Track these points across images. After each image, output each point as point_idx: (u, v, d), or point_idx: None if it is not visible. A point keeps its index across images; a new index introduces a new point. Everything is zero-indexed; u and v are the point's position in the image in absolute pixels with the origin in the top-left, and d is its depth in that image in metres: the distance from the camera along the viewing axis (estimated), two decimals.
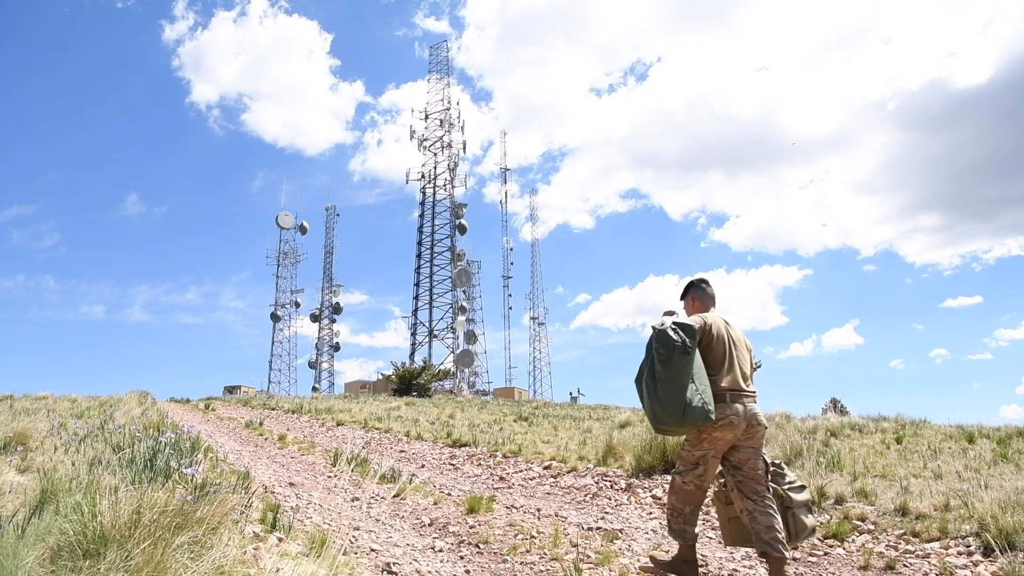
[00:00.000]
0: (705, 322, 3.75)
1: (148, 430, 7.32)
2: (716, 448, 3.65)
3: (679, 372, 3.42)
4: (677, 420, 3.41)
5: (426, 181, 47.55)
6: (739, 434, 3.64)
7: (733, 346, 3.78)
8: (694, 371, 3.48)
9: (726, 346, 3.74)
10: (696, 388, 3.44)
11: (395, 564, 3.99)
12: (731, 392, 3.64)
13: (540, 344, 55.40)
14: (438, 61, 50.15)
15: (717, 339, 3.73)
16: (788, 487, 3.75)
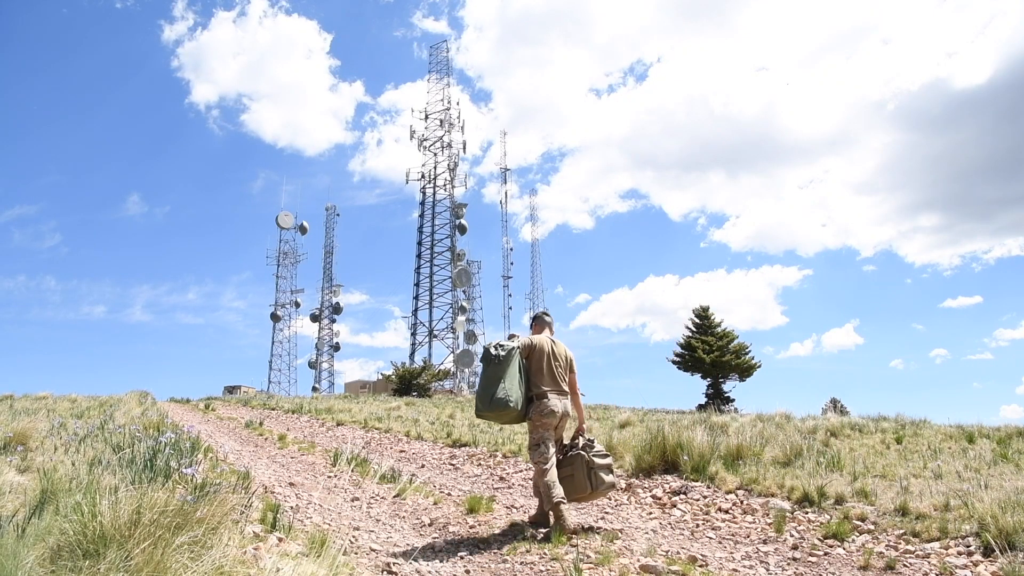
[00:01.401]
0: (532, 342, 5.11)
1: (148, 430, 7.32)
2: (547, 430, 4.96)
3: (492, 375, 4.82)
4: (486, 405, 4.81)
5: (426, 181, 47.56)
6: (558, 421, 5.00)
7: (553, 359, 5.09)
8: (505, 375, 4.80)
9: (547, 359, 5.06)
10: (503, 386, 4.77)
11: (395, 564, 3.99)
12: (550, 391, 4.98)
13: None
14: (438, 61, 50.16)
15: (539, 355, 5.06)
16: (594, 455, 5.06)
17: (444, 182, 46.97)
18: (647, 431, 8.71)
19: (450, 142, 47.66)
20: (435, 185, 47.05)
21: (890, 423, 11.35)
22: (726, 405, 32.20)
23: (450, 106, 48.23)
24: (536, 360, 5.05)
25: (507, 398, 4.74)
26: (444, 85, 48.89)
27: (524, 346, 5.04)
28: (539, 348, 5.07)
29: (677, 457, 7.03)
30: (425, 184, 47.58)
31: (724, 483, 6.47)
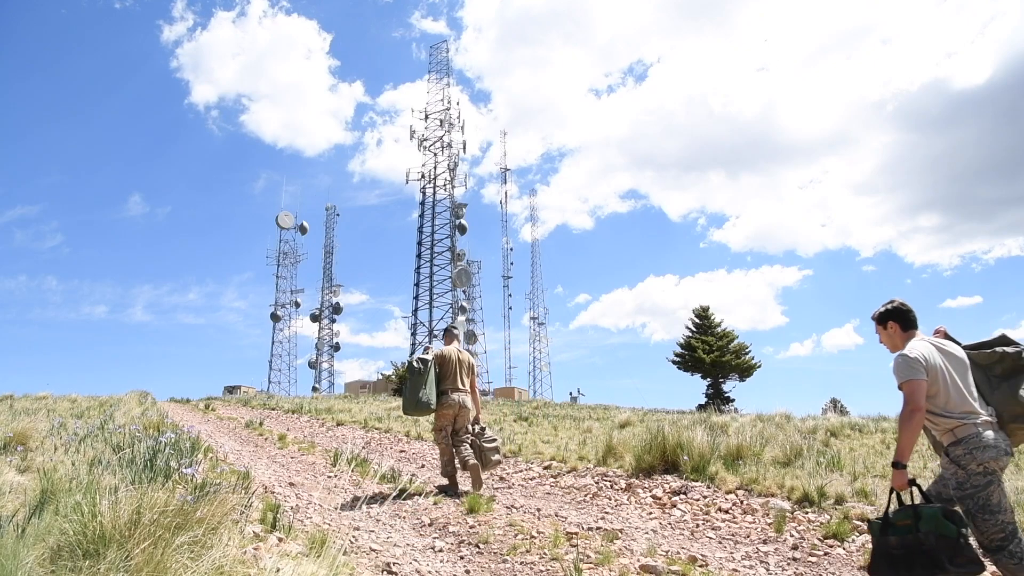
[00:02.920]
0: (443, 352, 6.57)
1: (148, 430, 7.32)
2: (447, 420, 6.46)
3: (417, 382, 6.30)
4: (413, 407, 6.31)
5: (426, 181, 47.54)
6: (457, 410, 6.46)
7: (459, 365, 6.55)
8: (425, 381, 6.30)
9: (453, 365, 6.53)
10: (425, 391, 6.28)
11: (395, 564, 3.99)
12: (451, 389, 6.47)
13: (540, 344, 55.43)
14: (438, 61, 50.14)
15: (447, 362, 6.52)
16: (484, 441, 6.56)
17: (444, 182, 46.97)
18: (647, 431, 8.70)
19: (450, 142, 47.66)
20: (435, 185, 47.04)
21: (890, 423, 11.35)
22: (726, 405, 32.21)
23: (450, 106, 48.23)
24: (444, 366, 6.52)
25: (428, 401, 6.30)
26: (444, 85, 48.89)
27: (437, 355, 6.55)
28: (448, 357, 6.56)
29: (677, 457, 7.03)
30: (425, 184, 47.57)
31: (724, 483, 6.47)
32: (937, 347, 3.34)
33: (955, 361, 3.30)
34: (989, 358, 3.34)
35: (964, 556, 2.88)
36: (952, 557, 2.87)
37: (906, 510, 3.09)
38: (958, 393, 3.19)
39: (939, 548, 2.89)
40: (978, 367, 3.36)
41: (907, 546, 2.97)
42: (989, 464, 3.07)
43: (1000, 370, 3.29)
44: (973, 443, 3.09)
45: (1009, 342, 3.35)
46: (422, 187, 47.72)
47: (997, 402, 3.24)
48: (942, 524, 2.92)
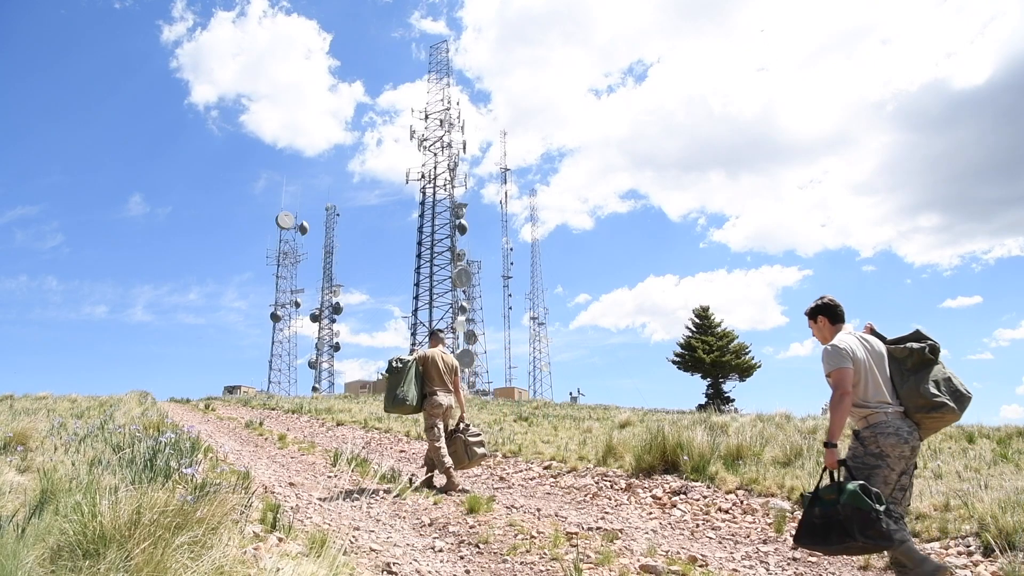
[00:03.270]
0: (426, 354, 6.88)
1: (148, 430, 7.32)
2: (435, 416, 6.73)
3: (395, 381, 6.63)
4: (389, 403, 6.68)
5: (426, 181, 47.54)
6: (444, 411, 6.75)
7: (443, 366, 6.86)
8: (403, 380, 6.60)
9: (437, 367, 6.82)
10: (402, 389, 6.57)
11: (395, 564, 3.99)
12: (438, 389, 6.77)
13: (540, 344, 55.43)
14: (437, 61, 50.14)
15: (431, 363, 6.83)
16: (469, 436, 6.89)
17: (444, 182, 46.97)
18: (647, 431, 8.71)
19: (450, 142, 47.66)
20: (435, 185, 47.03)
21: None
22: (726, 405, 32.22)
23: (450, 106, 48.22)
24: (429, 367, 6.82)
25: (405, 397, 6.59)
26: (444, 85, 48.89)
27: (420, 357, 6.85)
28: (431, 359, 6.86)
29: (677, 457, 7.03)
30: (425, 184, 47.57)
31: (724, 483, 6.47)
32: (861, 341, 3.62)
33: (875, 355, 3.59)
34: (902, 352, 3.59)
35: (874, 530, 3.13)
36: (863, 529, 3.14)
37: (833, 486, 3.33)
38: (875, 385, 3.49)
39: (852, 519, 3.16)
40: (895, 360, 3.62)
41: (827, 516, 3.26)
42: (886, 448, 3.39)
43: (911, 364, 3.55)
44: (880, 429, 3.42)
45: (921, 338, 3.61)
46: (422, 187, 47.73)
47: (904, 394, 3.52)
48: (860, 499, 3.17)
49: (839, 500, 3.24)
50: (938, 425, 3.60)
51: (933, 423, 3.54)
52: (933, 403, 3.42)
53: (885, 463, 3.38)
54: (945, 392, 3.46)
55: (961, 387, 3.50)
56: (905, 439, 3.40)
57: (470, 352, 43.10)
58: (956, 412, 3.47)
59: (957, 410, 3.46)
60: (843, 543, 3.22)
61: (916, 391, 3.47)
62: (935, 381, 3.48)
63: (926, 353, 3.52)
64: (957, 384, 3.50)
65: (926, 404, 3.44)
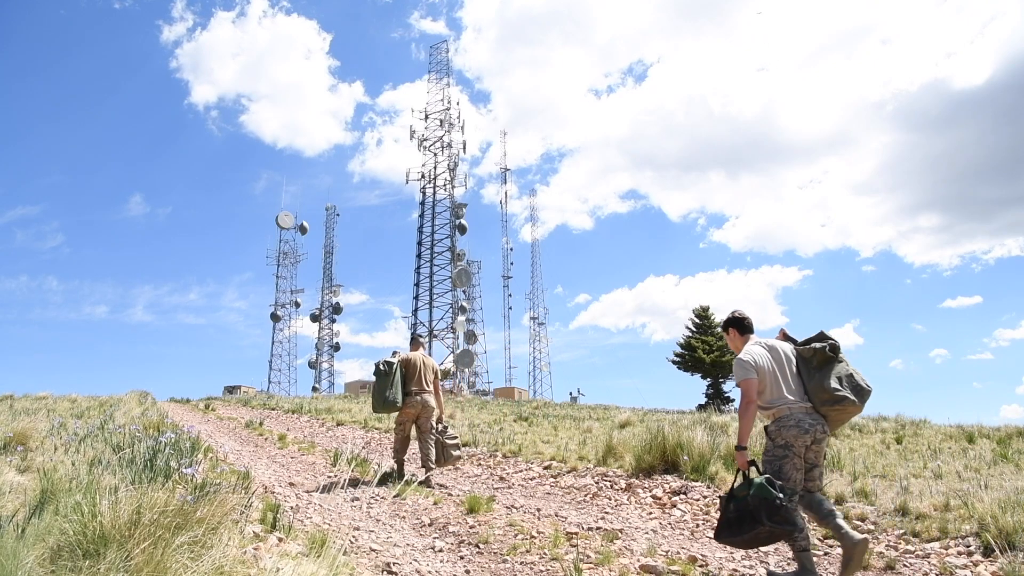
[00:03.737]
0: (408, 357, 7.31)
1: (148, 430, 7.32)
2: (409, 417, 7.22)
3: (383, 383, 7.04)
4: (379, 405, 7.08)
5: (426, 181, 47.52)
6: (419, 411, 7.19)
7: (423, 368, 7.28)
8: (390, 382, 7.02)
9: (417, 369, 7.25)
10: (391, 391, 7.00)
11: (395, 564, 3.98)
12: (418, 390, 7.19)
13: (540, 344, 55.41)
14: (437, 61, 50.12)
15: (412, 366, 7.24)
16: (447, 438, 7.24)
17: (444, 182, 46.95)
18: (647, 431, 8.70)
19: (450, 142, 47.64)
20: (435, 185, 47.02)
21: (890, 423, 11.36)
22: (726, 405, 32.21)
23: (450, 106, 48.20)
24: (410, 369, 7.25)
25: (395, 400, 7.04)
26: (444, 85, 48.87)
27: (403, 360, 7.29)
28: (413, 361, 7.29)
29: (677, 457, 7.03)
30: (425, 184, 47.55)
31: (724, 483, 6.47)
32: (767, 348, 4.00)
33: (781, 359, 3.95)
34: (808, 352, 3.93)
35: (780, 515, 3.50)
36: (770, 515, 3.50)
37: (745, 483, 3.69)
38: (777, 386, 3.86)
39: (760, 508, 3.53)
40: (803, 360, 3.96)
41: (740, 510, 3.62)
42: (790, 439, 3.77)
43: (815, 362, 3.89)
44: (783, 423, 3.80)
45: (824, 339, 3.94)
46: (422, 187, 47.72)
47: (811, 389, 3.85)
48: (766, 490, 3.55)
49: (749, 494, 3.61)
50: (842, 417, 3.90)
51: (837, 415, 3.86)
52: (835, 397, 3.75)
53: (791, 452, 3.78)
54: (847, 387, 3.78)
55: (862, 382, 3.82)
56: (806, 430, 3.76)
57: (470, 352, 43.07)
58: (857, 405, 3.79)
59: (858, 403, 3.79)
60: (753, 529, 3.55)
61: (821, 386, 3.81)
62: (838, 377, 3.80)
63: (827, 352, 3.85)
64: (859, 380, 3.82)
65: (829, 398, 3.77)
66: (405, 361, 7.27)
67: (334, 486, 6.66)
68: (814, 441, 3.80)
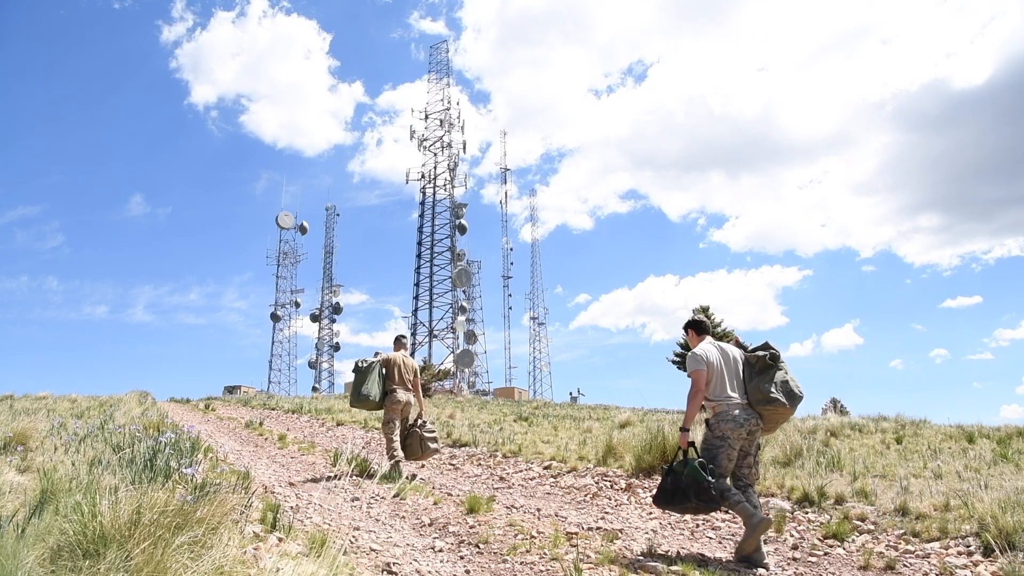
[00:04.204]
0: (389, 357, 7.68)
1: (148, 430, 7.32)
2: (394, 412, 7.50)
3: (360, 379, 7.45)
4: (357, 399, 7.46)
5: (426, 181, 47.53)
6: (402, 407, 7.52)
7: (404, 368, 7.66)
8: (368, 379, 7.42)
9: (398, 368, 7.62)
10: (367, 387, 7.39)
11: (395, 564, 3.98)
12: (398, 388, 7.54)
13: (540, 344, 55.42)
14: (437, 61, 50.12)
15: (393, 366, 7.62)
16: (425, 432, 7.59)
17: (444, 182, 46.95)
18: (647, 431, 8.70)
19: (450, 142, 47.64)
20: (435, 185, 47.02)
21: (890, 423, 11.36)
22: None
23: (450, 106, 48.20)
24: (391, 369, 7.61)
25: (368, 394, 7.40)
26: (444, 85, 48.88)
27: (384, 360, 7.66)
28: (393, 361, 7.66)
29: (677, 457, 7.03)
30: (425, 184, 47.55)
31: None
32: (719, 349, 4.56)
33: (729, 360, 4.51)
34: (753, 359, 4.48)
35: (706, 495, 4.16)
36: (698, 495, 4.18)
37: (683, 462, 4.33)
38: (722, 384, 4.41)
39: (691, 487, 4.20)
40: (748, 364, 4.51)
41: (675, 484, 4.29)
42: (726, 432, 4.34)
43: (757, 368, 4.44)
44: (721, 417, 4.37)
45: (768, 348, 4.47)
46: (422, 187, 47.72)
47: (750, 389, 4.42)
48: (698, 472, 4.20)
49: (684, 472, 4.24)
50: (775, 416, 4.44)
51: (770, 415, 4.41)
52: (769, 398, 4.31)
53: (726, 443, 4.33)
54: (780, 391, 4.32)
55: (795, 388, 4.36)
56: (741, 424, 4.33)
57: (470, 352, 43.07)
58: (787, 407, 4.34)
59: (788, 406, 4.33)
60: (683, 503, 4.27)
61: (758, 388, 4.37)
62: (775, 382, 4.34)
63: (767, 360, 4.39)
64: (792, 386, 4.35)
65: (764, 399, 4.33)
66: (387, 361, 7.64)
67: (332, 479, 6.67)
68: (748, 434, 4.38)
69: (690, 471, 4.23)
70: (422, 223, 46.81)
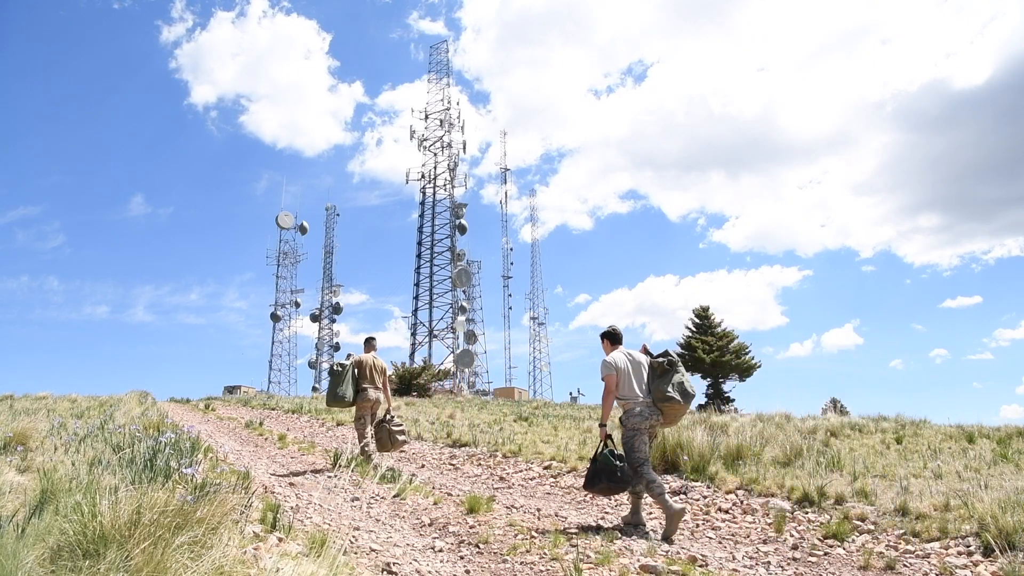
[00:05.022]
0: (360, 359, 8.30)
1: (148, 430, 7.32)
2: (365, 409, 8.24)
3: (336, 381, 8.06)
4: (331, 400, 8.10)
5: (426, 181, 47.53)
6: (372, 404, 8.22)
7: (373, 369, 8.27)
8: (342, 381, 8.02)
9: (368, 369, 8.23)
10: (342, 388, 8.01)
11: (395, 564, 3.98)
12: (369, 387, 8.17)
13: (540, 344, 55.43)
14: (437, 61, 50.13)
15: (364, 366, 8.23)
16: (393, 426, 8.13)
17: (444, 182, 46.96)
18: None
19: (450, 142, 47.65)
20: (435, 185, 47.03)
21: (890, 423, 11.36)
22: (726, 405, 32.17)
23: (450, 106, 48.21)
24: (362, 369, 8.23)
25: (344, 395, 8.04)
26: (443, 85, 48.88)
27: (356, 361, 8.25)
28: (364, 362, 8.28)
29: (677, 457, 7.04)
30: (425, 184, 47.56)
31: (724, 483, 6.47)
32: (628, 356, 5.47)
33: (636, 366, 5.43)
34: (655, 364, 5.39)
35: (617, 478, 5.15)
36: (609, 477, 5.16)
37: (602, 451, 5.27)
38: (630, 386, 5.35)
39: (603, 471, 5.19)
40: (652, 368, 5.42)
41: (593, 470, 5.29)
42: (636, 425, 5.27)
43: (659, 372, 5.36)
44: (631, 413, 5.30)
45: (666, 355, 5.41)
46: (422, 187, 47.72)
47: (652, 390, 5.33)
48: (609, 460, 5.18)
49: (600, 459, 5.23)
50: (672, 411, 5.34)
51: (669, 410, 5.31)
52: (666, 397, 5.23)
53: (638, 433, 5.28)
54: (676, 391, 5.23)
55: (689, 388, 5.30)
56: (646, 418, 5.28)
57: (470, 352, 43.06)
58: (682, 404, 5.28)
59: (683, 403, 5.27)
60: (598, 485, 5.26)
61: (658, 388, 5.29)
62: (672, 383, 5.25)
63: (665, 365, 5.32)
64: (687, 387, 5.29)
65: (662, 397, 5.25)
66: (358, 362, 8.27)
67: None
68: (651, 425, 5.34)
69: (603, 459, 5.20)
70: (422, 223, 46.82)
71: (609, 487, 5.23)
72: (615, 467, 5.13)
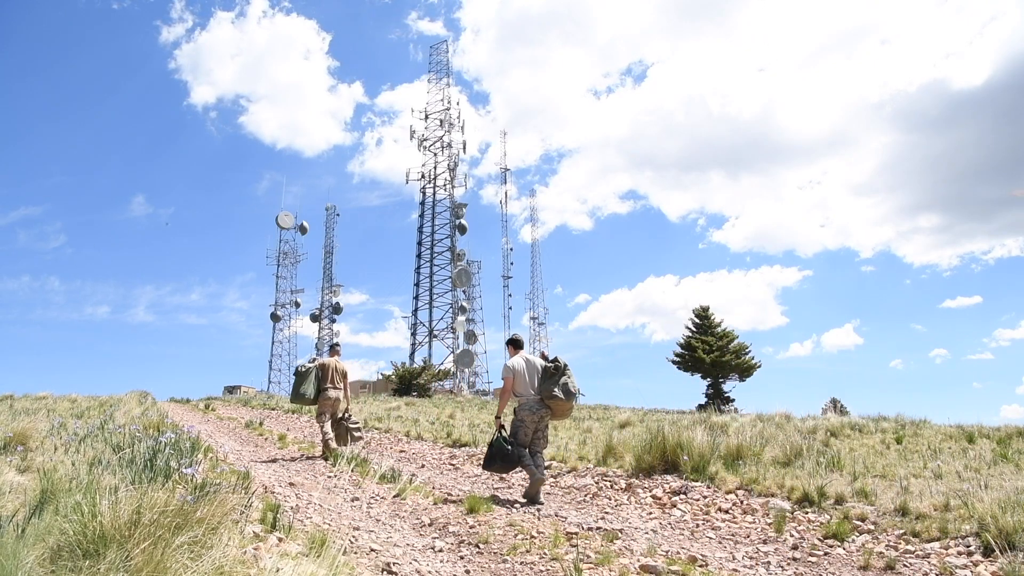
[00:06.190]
0: (324, 362, 9.30)
1: (148, 430, 7.32)
2: (326, 406, 9.10)
3: (299, 380, 9.06)
4: (294, 398, 9.17)
5: (426, 181, 47.52)
6: (332, 402, 9.10)
7: (335, 371, 9.22)
8: (305, 381, 9.03)
9: (330, 371, 9.16)
10: (304, 386, 9.00)
11: (395, 564, 3.98)
12: (330, 387, 9.11)
13: (540, 344, 55.38)
14: (437, 62, 50.13)
15: (327, 369, 9.17)
16: (350, 424, 9.25)
17: (444, 182, 46.95)
18: (647, 431, 8.70)
19: (450, 142, 47.64)
20: (435, 185, 47.01)
21: (890, 423, 11.36)
22: (726, 405, 32.17)
23: (450, 106, 48.20)
24: (326, 371, 9.16)
25: (305, 393, 9.01)
26: (443, 85, 48.87)
27: (320, 364, 9.25)
28: (328, 365, 9.23)
29: (677, 457, 7.03)
30: (425, 184, 47.55)
31: (724, 483, 6.47)
32: (525, 360, 6.53)
33: (531, 368, 6.48)
34: (547, 368, 6.41)
35: (507, 458, 6.27)
36: (502, 458, 6.29)
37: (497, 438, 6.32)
38: (525, 384, 6.42)
39: (496, 453, 6.30)
40: (545, 370, 6.41)
41: (490, 453, 6.36)
42: (524, 417, 6.33)
43: (549, 373, 6.37)
44: (522, 407, 6.37)
45: (555, 361, 6.40)
46: (422, 187, 47.71)
47: (542, 390, 6.33)
48: (500, 442, 6.29)
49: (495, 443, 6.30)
50: (558, 407, 6.37)
51: (556, 406, 6.34)
52: (551, 395, 6.24)
53: (523, 424, 6.33)
54: (560, 390, 6.23)
55: (573, 388, 6.30)
56: (534, 411, 6.35)
57: (470, 352, 43.04)
58: (565, 401, 6.28)
59: (565, 400, 6.26)
60: (494, 465, 6.38)
61: (546, 388, 6.29)
62: (559, 383, 6.26)
63: (552, 369, 6.35)
64: (571, 387, 6.28)
65: (549, 395, 6.26)
66: (322, 365, 9.23)
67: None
68: (540, 419, 6.37)
69: (496, 443, 6.30)
70: (422, 223, 46.82)
71: (503, 466, 6.37)
72: (507, 450, 6.23)
